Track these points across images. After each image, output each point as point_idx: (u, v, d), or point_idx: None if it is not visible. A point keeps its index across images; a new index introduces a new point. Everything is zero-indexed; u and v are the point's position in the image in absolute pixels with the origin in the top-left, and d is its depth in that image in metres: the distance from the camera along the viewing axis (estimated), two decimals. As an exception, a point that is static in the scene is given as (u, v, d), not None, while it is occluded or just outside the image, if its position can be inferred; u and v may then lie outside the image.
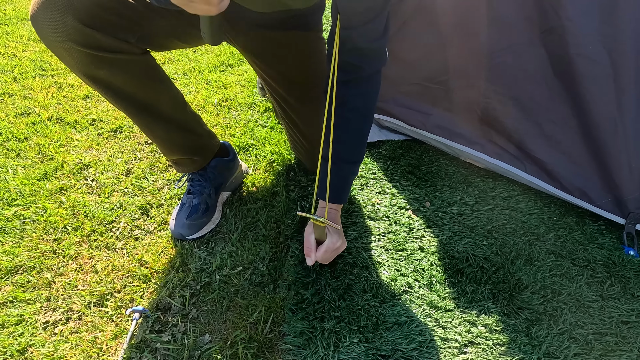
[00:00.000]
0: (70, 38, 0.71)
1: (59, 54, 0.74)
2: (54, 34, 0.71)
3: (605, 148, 1.00)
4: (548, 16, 0.96)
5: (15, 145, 1.27)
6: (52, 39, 0.71)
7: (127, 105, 0.85)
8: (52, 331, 0.81)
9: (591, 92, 0.97)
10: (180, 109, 0.95)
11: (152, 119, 0.89)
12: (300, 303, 0.85)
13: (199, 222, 1.00)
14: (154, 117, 0.89)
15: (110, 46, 0.75)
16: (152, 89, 0.86)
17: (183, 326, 0.82)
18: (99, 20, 0.72)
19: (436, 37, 1.16)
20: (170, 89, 0.92)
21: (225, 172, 1.09)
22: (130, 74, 0.80)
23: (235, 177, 1.13)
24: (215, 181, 1.06)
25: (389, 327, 0.81)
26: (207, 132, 1.04)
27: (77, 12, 0.70)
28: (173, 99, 0.93)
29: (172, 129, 0.93)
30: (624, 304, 0.87)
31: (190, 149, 0.99)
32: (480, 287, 0.90)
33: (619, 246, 1.01)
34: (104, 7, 0.72)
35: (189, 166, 1.02)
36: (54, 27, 0.70)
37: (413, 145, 1.33)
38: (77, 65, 0.75)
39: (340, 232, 0.89)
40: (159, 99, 0.88)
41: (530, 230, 1.05)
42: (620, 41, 0.92)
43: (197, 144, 1.00)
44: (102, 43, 0.73)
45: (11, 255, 0.94)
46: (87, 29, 0.71)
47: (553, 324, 0.83)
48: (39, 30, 0.72)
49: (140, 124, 0.91)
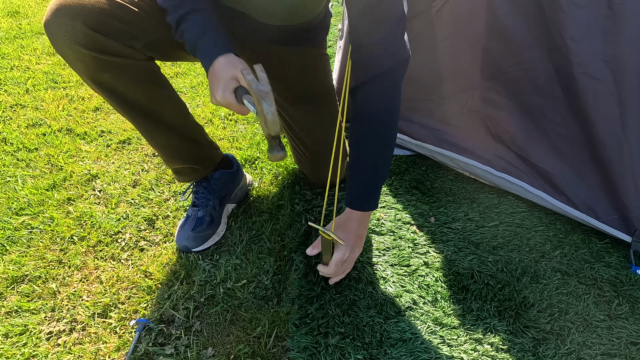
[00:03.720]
0: (79, 42, 0.74)
1: (68, 58, 0.77)
2: (64, 37, 0.74)
3: (611, 165, 1.00)
4: (553, 36, 0.98)
5: (26, 156, 1.29)
6: (61, 42, 0.75)
7: (130, 110, 0.87)
8: (56, 342, 0.81)
9: (595, 110, 0.98)
10: (182, 117, 0.96)
11: (154, 125, 0.91)
12: (304, 318, 0.85)
13: (204, 234, 1.01)
14: (156, 123, 0.90)
15: (116, 51, 0.77)
16: (155, 95, 0.88)
17: (186, 339, 0.82)
18: (106, 27, 0.75)
19: (444, 54, 1.18)
20: (172, 97, 0.93)
21: (229, 184, 1.09)
22: (134, 79, 0.83)
23: (240, 189, 1.14)
24: (220, 193, 1.06)
25: (393, 344, 0.80)
26: (210, 143, 1.05)
27: (86, 18, 0.73)
28: (176, 107, 0.94)
29: (174, 136, 0.94)
30: (632, 324, 0.86)
31: (192, 157, 1.00)
32: (485, 305, 0.89)
33: (626, 265, 1.00)
34: (112, 14, 0.75)
35: (190, 175, 1.02)
36: (64, 32, 0.73)
37: (418, 161, 1.34)
38: (84, 69, 0.78)
39: (358, 239, 0.89)
40: (161, 105, 0.90)
41: (536, 248, 1.04)
42: (623, 61, 0.93)
43: (198, 153, 1.01)
44: (109, 47, 0.76)
45: (17, 265, 0.95)
46: (95, 33, 0.74)
47: (560, 344, 0.82)
48: (50, 35, 0.75)
49: (143, 130, 0.92)
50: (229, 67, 0.70)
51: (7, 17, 2.48)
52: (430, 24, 1.15)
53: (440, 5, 1.12)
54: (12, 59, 1.92)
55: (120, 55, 0.78)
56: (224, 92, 0.69)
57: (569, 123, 1.04)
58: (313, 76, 1.03)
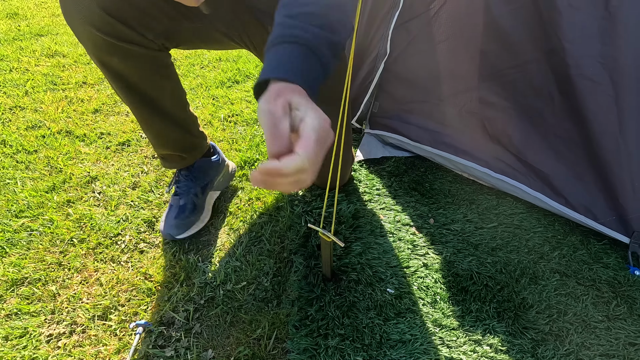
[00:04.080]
0: (93, 23, 0.73)
1: (79, 35, 0.76)
2: (78, 15, 0.73)
3: (609, 167, 1.00)
4: (550, 38, 0.99)
5: (25, 158, 1.29)
6: (75, 20, 0.74)
7: (131, 95, 0.87)
8: (56, 344, 0.81)
9: (593, 112, 0.99)
10: (181, 108, 0.97)
11: (152, 112, 0.91)
12: (304, 319, 0.85)
13: (187, 221, 1.02)
14: (155, 111, 0.91)
15: (129, 38, 0.76)
16: (160, 85, 0.88)
17: (186, 341, 0.82)
18: (123, 12, 0.74)
19: (442, 56, 1.18)
20: (176, 87, 0.93)
21: (210, 171, 1.10)
22: (142, 67, 0.82)
23: (222, 176, 1.15)
24: (202, 181, 1.08)
25: (393, 345, 0.80)
26: (200, 133, 1.07)
27: (105, 1, 0.72)
28: (177, 98, 0.95)
29: (169, 125, 0.95)
30: (630, 325, 0.87)
31: (182, 146, 1.02)
32: (485, 306, 0.89)
33: (624, 266, 1.01)
34: (130, 1, 0.74)
35: (176, 163, 1.04)
36: (79, 10, 0.72)
37: (417, 162, 1.34)
38: (93, 48, 0.77)
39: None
40: (163, 94, 0.90)
41: (535, 249, 1.05)
42: (620, 63, 0.94)
43: (189, 142, 1.03)
44: (122, 33, 0.75)
45: (17, 267, 0.95)
46: (110, 18, 0.73)
47: (559, 345, 0.82)
48: (64, 9, 0.74)
49: (139, 114, 0.92)
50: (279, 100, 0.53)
51: (6, 18, 2.48)
52: (428, 26, 1.16)
53: (437, 8, 1.13)
54: (11, 61, 1.92)
55: (133, 43, 0.78)
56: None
57: (566, 125, 1.05)
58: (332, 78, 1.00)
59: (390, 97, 1.32)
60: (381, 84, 1.32)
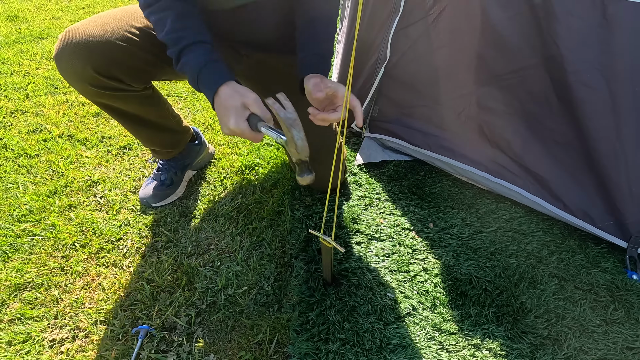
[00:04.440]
0: (86, 81, 0.85)
1: (72, 85, 0.88)
2: (74, 75, 0.84)
3: (606, 172, 1.01)
4: (548, 44, 1.00)
5: (27, 162, 1.30)
6: (71, 78, 0.86)
7: (120, 117, 1.00)
8: (59, 349, 0.81)
9: (590, 117, 1.00)
10: (166, 117, 1.08)
11: (141, 126, 1.04)
12: (305, 324, 0.85)
13: (163, 193, 1.16)
14: (144, 125, 1.04)
15: (117, 88, 0.88)
16: (145, 109, 1.00)
17: (188, 346, 0.83)
18: (113, 72, 0.85)
19: (441, 61, 1.19)
20: (161, 106, 1.06)
21: (191, 154, 1.24)
22: (128, 102, 0.94)
23: (201, 159, 1.29)
24: (182, 162, 1.21)
25: (393, 350, 0.81)
26: (185, 129, 1.18)
27: (96, 64, 0.83)
28: (162, 111, 1.06)
29: (156, 131, 1.08)
30: (628, 329, 0.88)
31: (169, 144, 1.15)
32: (484, 310, 0.90)
33: (622, 270, 1.02)
34: (119, 60, 0.84)
35: (165, 155, 1.17)
36: (74, 71, 0.84)
37: (416, 166, 1.35)
38: (85, 93, 0.89)
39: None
40: (149, 113, 1.02)
41: (533, 253, 1.05)
42: (617, 70, 0.95)
43: (175, 140, 1.16)
44: (112, 87, 0.87)
45: (20, 272, 0.95)
46: (101, 77, 0.84)
47: (557, 349, 0.83)
48: (60, 69, 0.85)
49: (127, 127, 1.05)
50: (237, 96, 0.70)
51: (6, 21, 2.48)
52: (427, 32, 1.17)
53: (437, 14, 1.14)
54: (12, 64, 1.92)
55: (122, 90, 0.89)
56: (237, 121, 0.68)
57: (564, 130, 1.06)
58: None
59: (390, 101, 1.33)
60: (381, 89, 1.33)
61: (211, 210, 1.16)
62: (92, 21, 0.85)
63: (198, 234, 1.08)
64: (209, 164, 1.34)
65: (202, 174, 1.30)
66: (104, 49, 0.82)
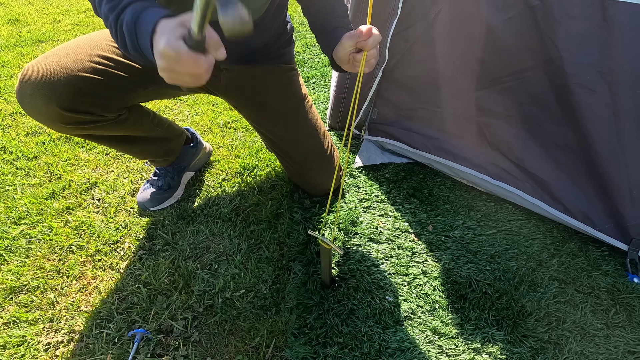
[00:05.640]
0: (52, 119, 0.80)
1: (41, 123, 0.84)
2: (39, 115, 0.80)
3: (606, 174, 1.01)
4: (547, 47, 0.99)
5: (25, 164, 1.29)
6: (37, 118, 0.81)
7: (104, 141, 0.97)
8: (54, 353, 0.80)
9: (591, 120, 0.99)
10: (154, 129, 1.03)
11: (129, 144, 1.01)
12: (302, 327, 0.85)
13: (161, 197, 1.15)
14: (131, 142, 1.01)
15: (88, 120, 0.84)
16: (129, 130, 0.95)
17: (185, 350, 0.82)
18: (79, 105, 0.80)
19: (440, 63, 1.19)
20: (145, 121, 1.00)
21: (187, 157, 1.22)
22: (108, 129, 0.90)
23: (198, 159, 1.28)
24: (179, 166, 1.20)
25: (392, 354, 0.80)
26: (179, 134, 1.16)
27: (60, 100, 0.77)
28: (148, 126, 1.01)
29: (147, 145, 1.05)
30: (629, 333, 0.87)
31: (163, 153, 1.13)
32: (483, 314, 0.89)
33: (622, 273, 1.01)
34: (84, 92, 0.79)
35: (162, 164, 1.17)
36: (39, 111, 0.79)
37: (415, 169, 1.35)
38: (57, 131, 0.86)
39: None
40: (135, 131, 0.97)
41: (533, 256, 1.05)
42: (617, 72, 0.94)
43: (169, 147, 1.13)
44: (81, 120, 0.82)
45: (16, 275, 0.95)
46: (67, 112, 0.79)
47: (558, 353, 0.82)
48: (25, 110, 0.81)
49: (117, 149, 1.03)
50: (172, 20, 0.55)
51: (7, 25, 2.49)
52: (425, 35, 1.17)
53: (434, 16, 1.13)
54: (12, 67, 1.93)
55: (94, 122, 0.85)
56: (169, 39, 0.52)
57: (564, 132, 1.06)
58: (287, 90, 1.08)
59: (389, 103, 1.33)
60: (380, 91, 1.32)
61: (209, 212, 1.15)
62: (50, 56, 0.79)
63: (196, 237, 1.07)
64: (207, 167, 1.33)
65: (200, 176, 1.30)
66: (66, 84, 0.77)
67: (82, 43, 0.83)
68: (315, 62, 2.18)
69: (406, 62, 1.23)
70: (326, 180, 1.13)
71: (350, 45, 0.74)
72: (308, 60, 2.21)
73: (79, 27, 2.56)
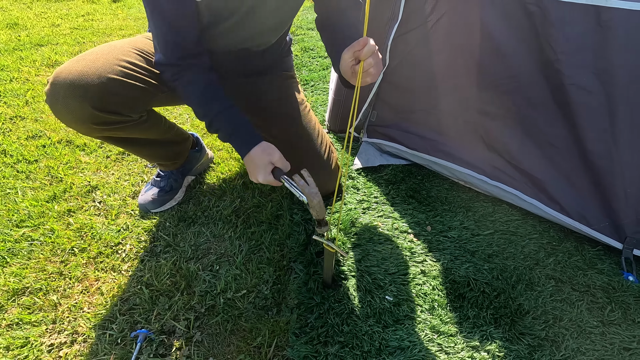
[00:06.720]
0: (84, 119, 0.85)
1: (70, 125, 0.89)
2: (70, 116, 0.85)
3: (601, 173, 1.03)
4: (544, 50, 1.02)
5: (26, 167, 1.30)
6: (68, 119, 0.86)
7: (121, 143, 1.03)
8: (57, 354, 0.81)
9: (587, 120, 1.01)
10: (166, 132, 1.09)
11: (143, 147, 1.07)
12: (304, 327, 0.86)
13: (163, 199, 1.17)
14: (145, 145, 1.06)
15: (115, 121, 0.89)
16: (146, 132, 1.01)
17: (187, 350, 0.83)
18: (109, 105, 0.86)
19: (439, 66, 1.21)
20: (160, 124, 1.06)
21: (192, 161, 1.26)
22: (128, 130, 0.95)
23: (200, 164, 1.31)
24: (183, 169, 1.23)
25: (392, 352, 0.81)
26: (185, 138, 1.20)
27: (93, 100, 0.83)
28: (162, 129, 1.07)
29: (159, 148, 1.10)
30: (625, 330, 0.88)
31: (173, 156, 1.17)
32: (482, 312, 0.90)
33: (618, 272, 1.03)
34: (114, 92, 0.85)
35: (170, 167, 1.20)
36: (71, 111, 0.84)
37: (414, 170, 1.36)
38: (85, 132, 0.91)
39: None
40: (150, 134, 1.04)
41: (530, 255, 1.06)
42: (612, 74, 0.96)
43: (178, 150, 1.18)
44: (110, 120, 0.88)
45: (18, 277, 0.95)
46: (99, 112, 0.85)
47: (555, 350, 0.83)
48: (56, 112, 0.86)
49: (131, 151, 1.08)
50: (264, 155, 0.83)
51: (6, 28, 2.50)
52: (425, 38, 1.19)
53: (435, 21, 1.16)
54: (11, 71, 1.93)
55: (120, 122, 0.91)
56: (265, 176, 0.82)
57: (561, 133, 1.07)
58: (286, 96, 1.14)
59: (388, 106, 1.35)
60: (379, 94, 1.34)
61: (210, 214, 1.16)
62: (81, 60, 0.85)
63: (197, 238, 1.08)
64: (208, 169, 1.35)
65: (201, 178, 1.31)
66: (99, 85, 0.82)
67: (106, 50, 0.89)
68: (313, 66, 2.20)
69: (406, 66, 1.25)
70: (324, 182, 1.14)
71: (349, 57, 0.77)
72: (306, 64, 2.23)
73: (77, 31, 2.57)
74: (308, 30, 2.87)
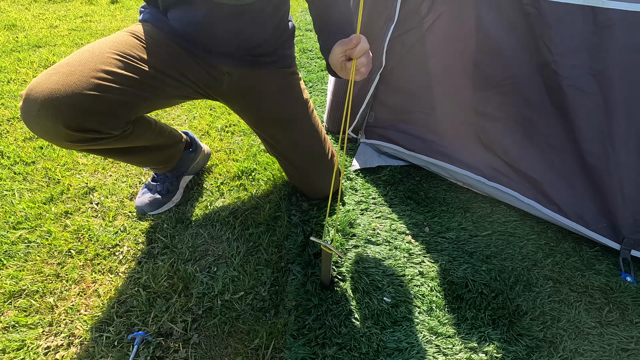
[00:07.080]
0: (59, 138, 0.80)
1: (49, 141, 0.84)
2: (46, 135, 0.79)
3: (599, 174, 1.03)
4: (541, 51, 1.02)
5: (23, 169, 1.30)
6: (44, 137, 0.81)
7: (108, 154, 0.96)
8: (54, 357, 0.81)
9: (584, 121, 1.02)
10: (156, 138, 1.03)
11: (131, 155, 1.01)
12: (301, 329, 0.85)
13: (160, 201, 1.16)
14: (134, 153, 1.01)
15: (94, 138, 0.83)
16: (133, 142, 0.95)
17: (184, 352, 0.82)
18: (85, 124, 0.79)
19: (436, 67, 1.21)
20: (148, 131, 0.99)
21: (186, 162, 1.23)
22: (110, 144, 0.89)
23: (197, 163, 1.28)
24: (178, 171, 1.21)
25: (390, 354, 0.81)
26: (178, 140, 1.16)
27: (66, 120, 0.76)
28: (151, 135, 1.00)
29: (149, 154, 1.06)
30: (623, 331, 0.88)
31: (164, 160, 1.13)
32: (480, 313, 0.90)
33: (615, 272, 1.03)
34: (88, 110, 0.78)
35: (163, 170, 1.18)
36: (45, 131, 0.78)
37: (412, 171, 1.36)
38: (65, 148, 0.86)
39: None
40: (139, 143, 0.97)
41: (528, 256, 1.06)
42: (609, 74, 0.96)
43: (169, 154, 1.13)
44: (87, 138, 0.82)
45: (15, 279, 0.95)
46: (74, 132, 0.79)
47: (553, 351, 0.83)
48: (31, 130, 0.80)
49: (120, 159, 1.02)
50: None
51: (3, 30, 2.49)
52: (422, 39, 1.19)
53: (431, 22, 1.16)
54: (8, 72, 1.93)
55: (102, 139, 0.85)
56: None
57: (558, 134, 1.08)
58: (289, 95, 1.08)
59: (385, 107, 1.35)
60: (377, 95, 1.34)
61: (208, 216, 1.16)
62: (55, 73, 0.77)
63: (194, 240, 1.08)
64: (205, 170, 1.34)
65: (198, 180, 1.31)
66: (72, 104, 0.75)
67: (85, 58, 0.80)
68: (312, 67, 2.20)
69: (403, 67, 1.25)
70: (327, 185, 1.14)
71: (340, 52, 0.75)
72: (305, 65, 2.23)
73: (75, 32, 2.57)
74: (306, 31, 2.87)
